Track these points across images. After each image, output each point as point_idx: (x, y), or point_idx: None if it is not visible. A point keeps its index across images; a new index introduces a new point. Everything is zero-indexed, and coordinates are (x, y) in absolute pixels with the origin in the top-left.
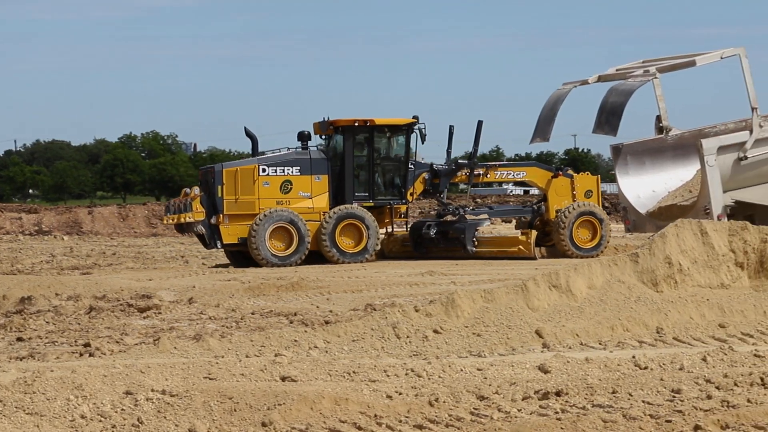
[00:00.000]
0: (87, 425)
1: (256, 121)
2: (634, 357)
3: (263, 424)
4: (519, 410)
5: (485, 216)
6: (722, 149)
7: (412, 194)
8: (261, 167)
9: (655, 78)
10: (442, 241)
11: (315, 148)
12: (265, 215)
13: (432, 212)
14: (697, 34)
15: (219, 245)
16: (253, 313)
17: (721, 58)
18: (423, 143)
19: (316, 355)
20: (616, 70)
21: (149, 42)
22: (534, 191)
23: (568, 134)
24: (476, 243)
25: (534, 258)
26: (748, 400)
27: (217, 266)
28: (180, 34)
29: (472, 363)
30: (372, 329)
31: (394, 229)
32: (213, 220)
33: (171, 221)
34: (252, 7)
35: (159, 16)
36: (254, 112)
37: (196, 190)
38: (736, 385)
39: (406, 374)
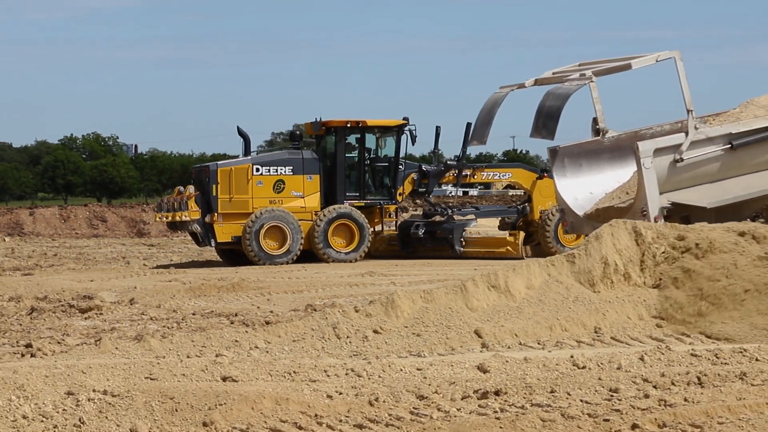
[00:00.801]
0: (29, 425)
1: (198, 122)
2: (572, 357)
3: (204, 424)
4: (458, 409)
5: (472, 216)
6: (658, 151)
7: (401, 194)
8: (255, 167)
9: (592, 81)
10: (429, 240)
11: (307, 149)
12: (259, 214)
13: (416, 212)
14: (633, 36)
15: (213, 244)
16: (194, 314)
17: (657, 61)
18: (413, 144)
19: (257, 356)
20: (553, 73)
21: (89, 43)
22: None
23: (507, 136)
24: (464, 243)
25: (522, 258)
26: (685, 399)
27: (158, 267)
28: (121, 36)
29: (412, 363)
30: (312, 329)
31: (384, 229)
32: (207, 219)
33: (165, 219)
34: (189, 10)
35: (99, 18)
36: (194, 113)
37: (191, 189)
38: (673, 384)
39: (347, 374)
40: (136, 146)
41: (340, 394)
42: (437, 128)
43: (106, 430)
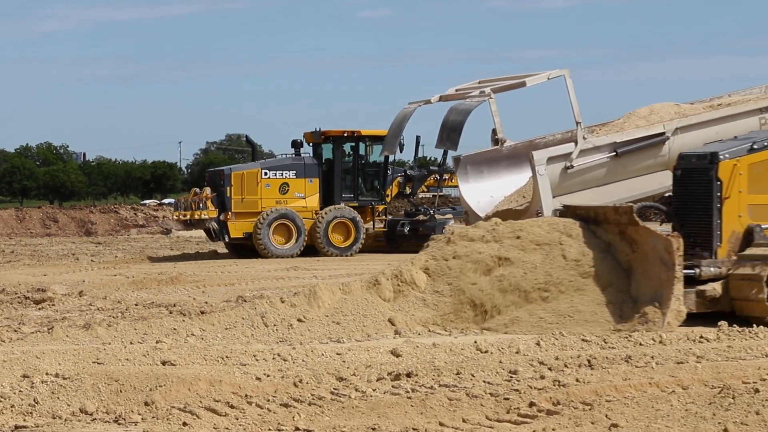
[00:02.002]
0: None
1: (139, 132)
2: (476, 342)
3: (146, 404)
4: (374, 390)
5: (450, 216)
6: (551, 159)
7: (388, 195)
8: (263, 171)
9: (491, 98)
10: (413, 237)
11: (307, 155)
12: (268, 213)
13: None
14: (529, 56)
15: (227, 239)
16: (136, 305)
17: (548, 78)
18: (401, 152)
19: (193, 342)
20: (456, 90)
21: (42, 63)
22: None
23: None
24: None
25: None
26: (577, 380)
27: (104, 263)
28: (70, 55)
29: (332, 348)
30: (243, 318)
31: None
32: (222, 217)
33: (183, 217)
34: (131, 32)
35: (51, 40)
36: (136, 124)
37: (208, 190)
38: (566, 366)
39: (273, 358)
40: (84, 154)
41: (268, 376)
42: (417, 138)
43: (58, 409)
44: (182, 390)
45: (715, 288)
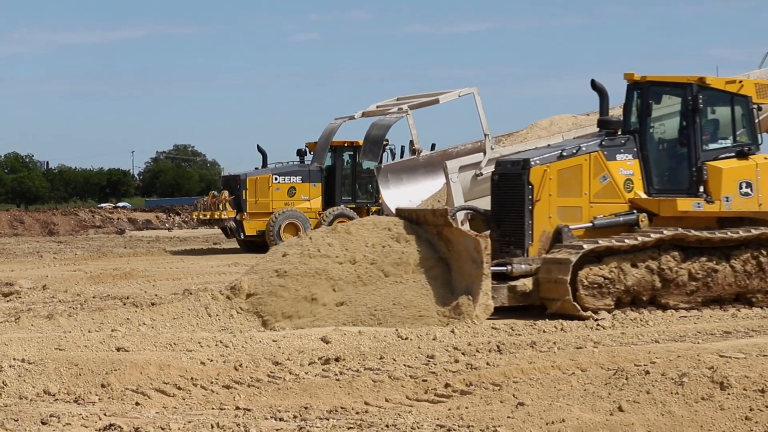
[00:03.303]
0: None
1: (97, 142)
2: (397, 330)
3: (102, 386)
4: (306, 373)
5: None
6: (462, 168)
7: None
8: (274, 176)
9: (408, 114)
10: None
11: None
12: (279, 214)
13: None
14: (444, 74)
15: (242, 236)
16: (94, 297)
17: (459, 95)
18: (393, 159)
19: (144, 330)
20: (377, 107)
21: (8, 80)
22: None
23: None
24: None
25: None
26: (487, 363)
27: (65, 260)
28: (35, 74)
29: (269, 336)
30: (189, 309)
31: None
32: (238, 217)
33: (203, 216)
34: (89, 53)
35: (18, 60)
36: (94, 135)
37: (226, 193)
38: (477, 351)
39: (216, 345)
40: (47, 162)
41: (211, 361)
42: (402, 147)
43: (24, 391)
44: (135, 373)
45: (525, 284)
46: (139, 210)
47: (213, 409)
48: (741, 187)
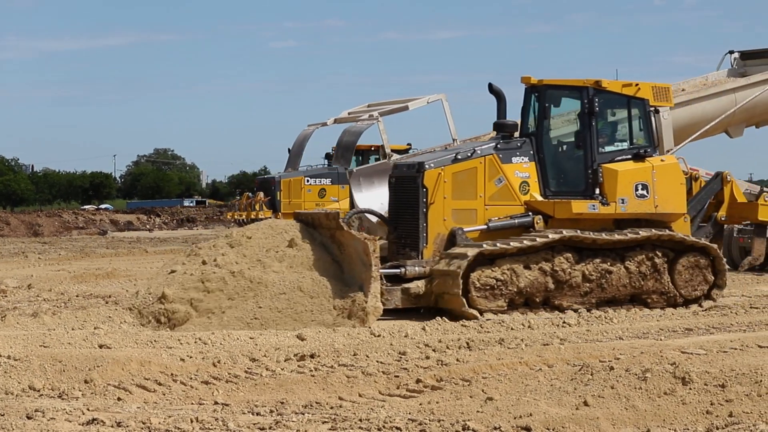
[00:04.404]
0: None
1: (80, 146)
2: (370, 327)
3: (85, 381)
4: (282, 369)
5: None
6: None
7: None
8: (306, 179)
9: (378, 121)
10: None
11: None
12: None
13: None
14: (417, 80)
15: None
16: (77, 296)
17: (428, 102)
18: None
19: (126, 328)
20: (348, 113)
21: None
22: None
23: (318, 163)
24: None
25: None
26: (457, 359)
27: (49, 260)
28: (20, 81)
29: (246, 333)
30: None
31: None
32: (273, 217)
33: (239, 216)
34: (73, 60)
35: (2, 67)
36: (77, 140)
37: (262, 195)
38: (447, 348)
39: (195, 342)
40: (32, 166)
41: (191, 357)
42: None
43: (10, 386)
44: (117, 370)
45: (418, 286)
46: (120, 212)
47: (192, 404)
48: (637, 189)
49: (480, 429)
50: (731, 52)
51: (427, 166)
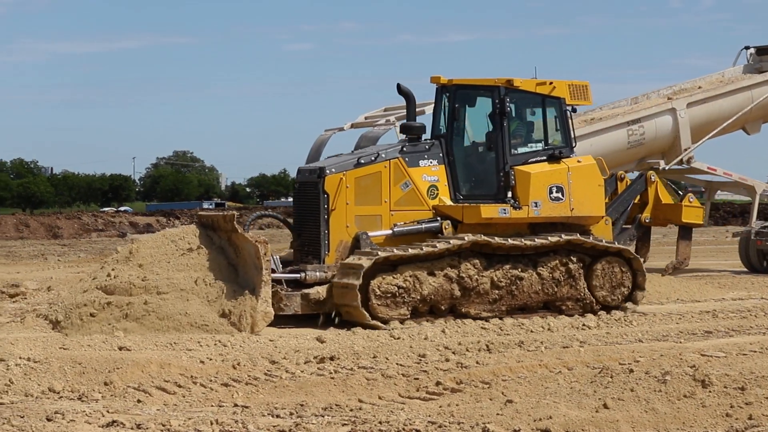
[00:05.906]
0: None
1: (98, 148)
2: (390, 330)
3: (105, 383)
4: (302, 371)
5: None
6: None
7: None
8: None
9: (395, 125)
10: None
11: None
12: None
13: None
14: (429, 83)
15: None
16: None
17: None
18: None
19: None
20: (365, 117)
21: (12, 89)
22: None
23: None
24: None
25: None
26: (477, 362)
27: (69, 262)
28: (37, 83)
29: (265, 335)
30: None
31: None
32: None
33: None
34: (86, 63)
35: (20, 71)
36: (95, 141)
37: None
38: (467, 350)
39: (215, 344)
40: (52, 168)
41: (210, 360)
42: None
43: (30, 389)
44: (136, 372)
45: (319, 291)
46: (140, 214)
47: (212, 406)
48: (551, 192)
49: (499, 431)
50: (747, 48)
51: (328, 171)
